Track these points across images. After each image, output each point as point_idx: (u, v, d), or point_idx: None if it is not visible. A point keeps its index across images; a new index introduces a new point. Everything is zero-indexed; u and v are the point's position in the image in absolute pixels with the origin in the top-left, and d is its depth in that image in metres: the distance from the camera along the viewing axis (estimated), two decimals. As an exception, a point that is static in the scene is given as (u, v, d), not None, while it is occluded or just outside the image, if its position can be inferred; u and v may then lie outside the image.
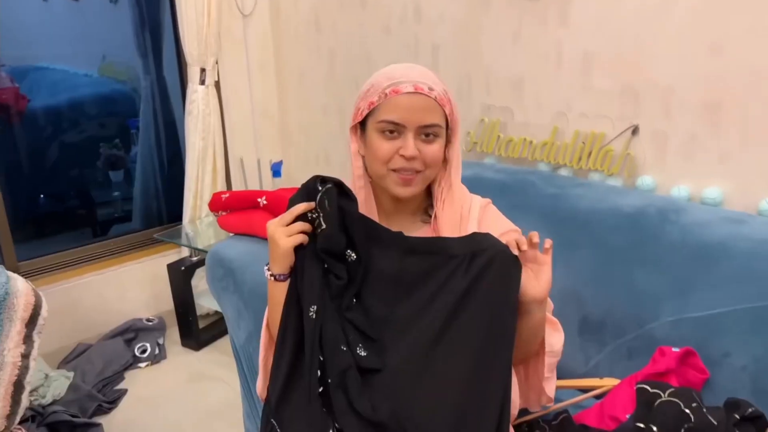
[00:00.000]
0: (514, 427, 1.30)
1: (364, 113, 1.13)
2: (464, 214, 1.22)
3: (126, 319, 2.66)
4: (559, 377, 1.52)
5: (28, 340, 1.64)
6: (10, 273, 1.63)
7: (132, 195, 3.30)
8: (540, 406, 1.24)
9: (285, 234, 1.05)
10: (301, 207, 1.06)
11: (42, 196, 3.25)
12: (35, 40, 3.52)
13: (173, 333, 2.70)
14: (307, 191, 1.06)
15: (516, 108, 1.99)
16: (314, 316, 1.04)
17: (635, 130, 1.73)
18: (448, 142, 1.19)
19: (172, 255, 2.75)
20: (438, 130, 1.13)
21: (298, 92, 2.80)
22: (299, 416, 1.03)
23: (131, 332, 2.63)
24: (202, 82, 2.63)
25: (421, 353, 1.04)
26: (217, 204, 1.73)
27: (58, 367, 2.43)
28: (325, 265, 1.06)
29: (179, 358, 2.60)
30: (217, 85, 2.73)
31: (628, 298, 1.46)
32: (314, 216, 1.05)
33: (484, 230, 1.22)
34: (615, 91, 1.75)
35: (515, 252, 1.04)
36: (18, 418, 1.70)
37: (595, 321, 1.51)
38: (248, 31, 2.76)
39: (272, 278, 1.09)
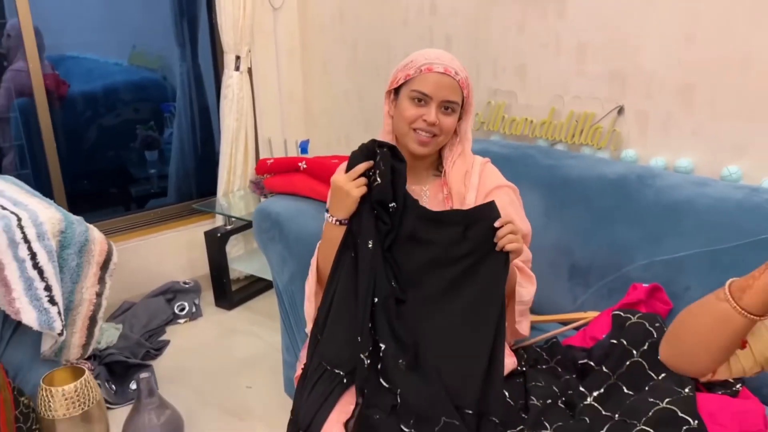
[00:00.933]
0: (513, 351, 1.58)
1: (400, 82, 1.44)
2: (469, 169, 1.53)
3: (165, 282, 2.96)
4: (551, 314, 1.81)
5: (101, 281, 1.94)
6: (87, 224, 1.92)
7: (167, 173, 3.60)
8: (514, 339, 1.55)
9: (354, 186, 1.34)
10: (363, 165, 1.35)
11: (83, 173, 3.54)
12: (67, 29, 3.81)
13: (208, 295, 2.99)
14: (367, 152, 1.36)
15: (519, 91, 2.27)
16: (372, 248, 1.34)
17: (621, 110, 2.01)
18: (461, 118, 1.50)
19: (206, 225, 3.04)
20: (455, 106, 1.44)
21: (322, 79, 3.09)
22: (352, 326, 1.33)
23: (170, 293, 2.92)
24: (237, 69, 2.91)
25: (432, 294, 1.35)
26: (263, 168, 2.02)
27: (107, 321, 2.72)
28: (375, 212, 1.36)
29: (214, 316, 2.89)
30: (250, 71, 3.01)
31: (609, 247, 1.74)
32: (371, 173, 1.35)
33: (484, 181, 1.53)
34: (604, 75, 2.03)
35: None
36: (90, 349, 2.00)
37: (582, 267, 1.79)
38: (278, 23, 3.04)
39: (337, 222, 1.39)
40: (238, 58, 2.90)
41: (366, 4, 2.74)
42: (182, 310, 2.85)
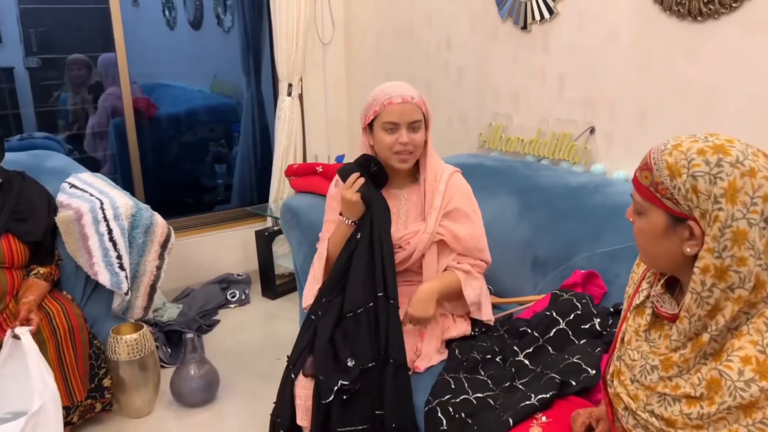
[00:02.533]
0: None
1: (371, 118, 1.80)
2: (438, 177, 1.89)
3: (221, 273, 3.47)
4: (514, 296, 2.15)
5: (161, 257, 2.45)
6: (153, 211, 2.44)
7: (231, 183, 4.17)
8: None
9: (351, 192, 1.77)
10: (354, 176, 1.79)
11: (164, 180, 4.15)
12: (162, 61, 4.49)
13: (256, 287, 3.48)
14: (358, 165, 1.82)
15: (514, 115, 2.65)
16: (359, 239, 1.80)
17: (592, 131, 2.35)
18: (426, 129, 1.85)
19: (259, 226, 3.54)
20: (420, 123, 1.80)
21: (362, 105, 3.54)
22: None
23: (225, 282, 3.43)
24: (289, 94, 3.42)
25: None
26: (290, 171, 2.50)
27: (171, 302, 3.25)
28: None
29: (260, 304, 3.38)
30: (301, 97, 3.52)
31: (563, 242, 2.08)
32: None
33: (449, 189, 1.88)
34: (579, 102, 2.38)
35: None
36: (149, 311, 2.50)
37: (542, 259, 2.13)
38: (326, 56, 3.55)
39: (351, 223, 1.81)
40: (290, 85, 3.41)
41: (397, 42, 3.20)
42: (233, 297, 3.35)
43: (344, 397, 1.63)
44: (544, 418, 1.39)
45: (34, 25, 4.04)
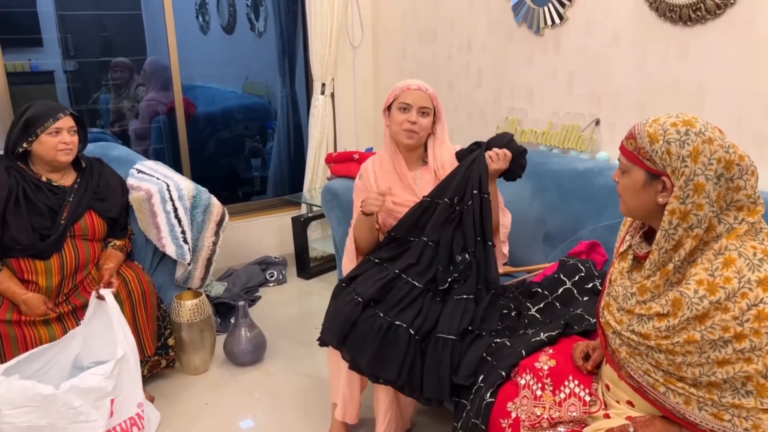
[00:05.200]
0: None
1: (390, 101, 2.15)
2: (447, 160, 2.19)
3: (260, 255, 3.81)
4: (526, 266, 2.46)
5: (216, 234, 2.78)
6: (210, 194, 2.78)
7: (267, 175, 4.51)
8: (503, 262, 2.22)
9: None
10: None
11: (205, 174, 4.49)
12: (196, 64, 4.84)
13: (292, 268, 3.82)
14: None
15: (528, 109, 2.96)
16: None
17: (597, 122, 2.65)
18: (435, 123, 2.16)
19: (294, 213, 3.88)
20: (428, 110, 2.12)
21: (388, 102, 3.87)
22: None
23: (264, 264, 3.77)
24: (322, 93, 3.76)
25: None
26: (329, 158, 2.84)
27: (217, 281, 3.59)
28: None
29: (295, 283, 3.71)
30: (332, 95, 3.85)
31: (570, 218, 2.38)
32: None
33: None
34: (586, 97, 2.68)
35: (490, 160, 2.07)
36: (206, 282, 2.83)
37: (552, 233, 2.44)
38: (356, 58, 3.88)
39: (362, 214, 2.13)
40: (323, 85, 3.74)
41: (421, 44, 3.52)
42: (272, 276, 3.69)
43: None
44: (551, 351, 1.70)
45: (71, 30, 4.40)
